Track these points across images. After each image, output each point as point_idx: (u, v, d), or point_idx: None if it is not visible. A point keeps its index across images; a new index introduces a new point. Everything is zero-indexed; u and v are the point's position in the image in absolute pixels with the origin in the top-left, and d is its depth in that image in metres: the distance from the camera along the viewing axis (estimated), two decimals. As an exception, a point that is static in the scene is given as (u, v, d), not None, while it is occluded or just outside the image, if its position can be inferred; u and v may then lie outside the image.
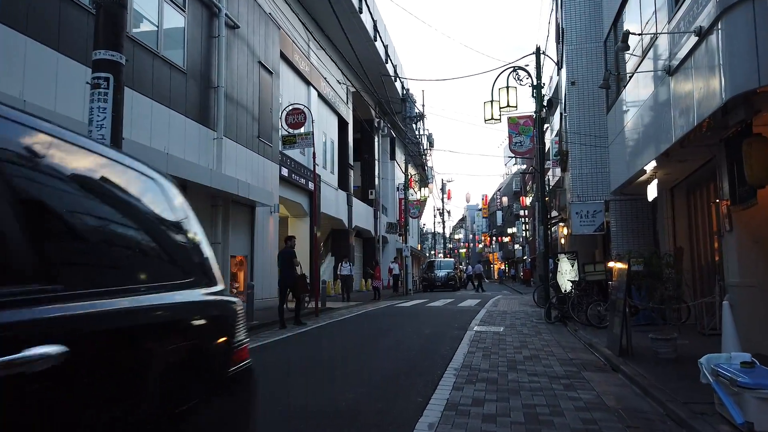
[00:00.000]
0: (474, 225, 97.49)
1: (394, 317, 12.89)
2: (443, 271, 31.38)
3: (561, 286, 11.97)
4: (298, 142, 13.57)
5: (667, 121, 7.33)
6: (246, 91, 14.53)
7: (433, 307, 15.95)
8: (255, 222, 14.82)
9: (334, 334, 9.95)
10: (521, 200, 33.77)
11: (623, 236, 11.69)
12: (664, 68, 7.07)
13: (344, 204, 26.19)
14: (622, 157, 9.99)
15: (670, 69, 6.93)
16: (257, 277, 14.84)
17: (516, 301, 19.27)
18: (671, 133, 7.05)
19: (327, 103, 23.72)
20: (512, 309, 15.18)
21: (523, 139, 12.14)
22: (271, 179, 16.08)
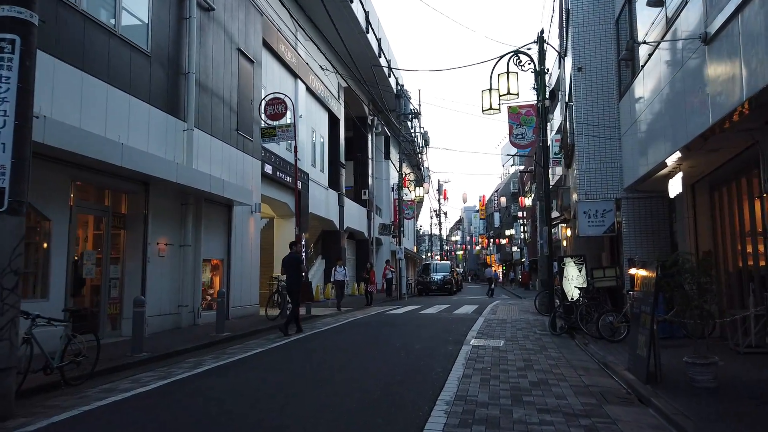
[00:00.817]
0: (471, 227, 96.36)
1: (383, 328, 11.70)
2: (439, 275, 30.18)
3: (567, 293, 10.80)
4: (278, 135, 12.41)
5: (698, 102, 6.17)
6: (223, 79, 13.34)
7: (427, 315, 14.76)
8: (233, 222, 13.61)
9: (308, 349, 8.74)
10: (520, 201, 32.67)
11: (636, 238, 10.52)
12: (699, 36, 5.90)
13: (335, 204, 25.00)
14: (637, 148, 8.83)
15: (707, 37, 5.76)
16: (235, 282, 13.64)
17: (516, 307, 18.09)
18: (706, 114, 5.88)
19: (316, 98, 22.55)
20: (512, 317, 14.00)
21: (524, 131, 10.97)
22: (252, 176, 14.88)
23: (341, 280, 18.25)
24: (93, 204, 9.73)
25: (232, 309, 13.35)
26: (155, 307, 10.46)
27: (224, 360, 7.58)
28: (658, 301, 5.90)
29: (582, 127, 10.89)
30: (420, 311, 16.14)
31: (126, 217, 10.23)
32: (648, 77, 8.23)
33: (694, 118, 6.31)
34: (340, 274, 18.32)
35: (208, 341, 9.24)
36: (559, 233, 19.38)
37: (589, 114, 10.96)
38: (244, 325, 11.86)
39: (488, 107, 11.38)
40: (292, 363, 7.28)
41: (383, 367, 6.88)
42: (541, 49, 11.80)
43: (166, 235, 10.92)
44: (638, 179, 8.67)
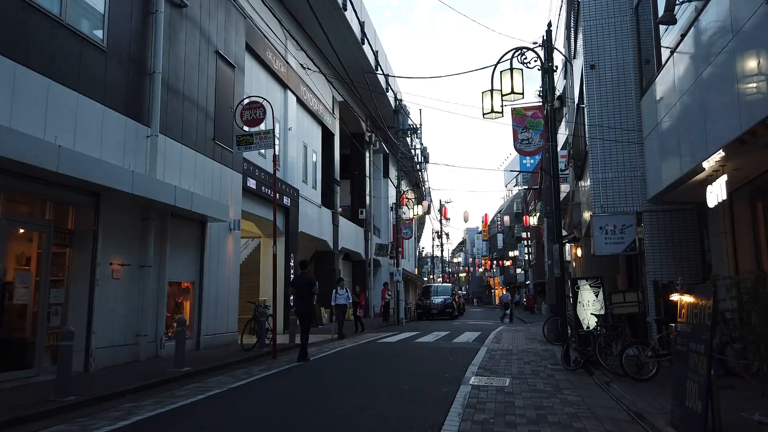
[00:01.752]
0: (474, 248, 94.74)
1: (370, 361, 10.26)
2: (440, 298, 28.69)
3: (582, 320, 9.36)
4: (255, 143, 11.14)
5: (755, 83, 4.84)
6: (197, 83, 12.11)
7: (423, 344, 13.29)
8: (206, 241, 12.25)
9: (270, 392, 7.32)
10: (524, 220, 31.28)
11: (661, 257, 9.13)
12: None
13: (329, 223, 23.67)
14: (665, 151, 7.50)
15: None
16: (208, 307, 12.24)
17: (521, 334, 16.59)
18: None
19: (309, 111, 21.36)
20: (518, 346, 12.53)
21: (530, 136, 9.67)
22: (231, 191, 13.57)
23: (343, 304, 16.40)
24: (28, 217, 8.41)
25: (204, 338, 11.93)
26: (106, 337, 9.06)
27: (165, 407, 6.16)
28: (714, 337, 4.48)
29: (596, 131, 9.57)
30: (416, 339, 14.67)
31: (73, 234, 8.88)
32: (682, 61, 6.93)
33: (755, 99, 4.97)
34: (342, 298, 16.48)
35: (160, 379, 7.81)
36: (568, 253, 17.97)
37: (604, 116, 9.66)
38: (214, 356, 10.43)
39: (489, 110, 10.08)
40: (242, 415, 5.85)
41: (357, 421, 5.45)
42: (548, 43, 10.55)
43: (122, 254, 9.56)
44: (666, 187, 7.32)
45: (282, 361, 10.22)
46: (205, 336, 12.03)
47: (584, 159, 10.65)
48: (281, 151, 18.46)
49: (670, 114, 7.35)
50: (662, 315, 8.80)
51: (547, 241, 14.28)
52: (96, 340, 8.71)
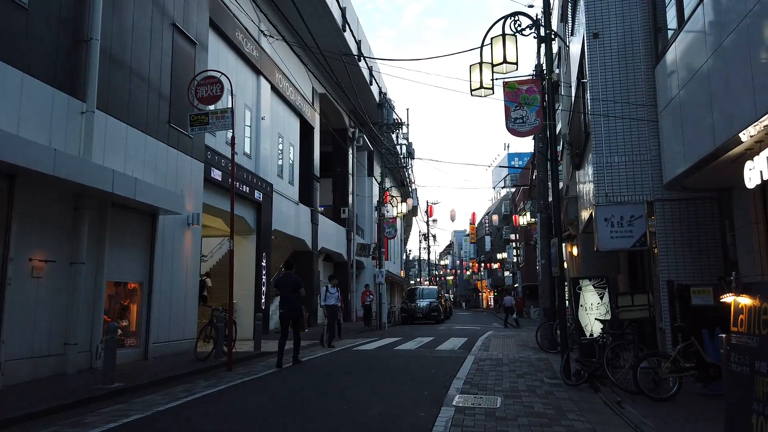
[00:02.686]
0: (461, 251, 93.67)
1: (338, 374, 8.89)
2: (425, 301, 27.37)
3: (584, 327, 8.06)
4: (211, 123, 9.75)
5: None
6: (149, 58, 10.71)
7: (403, 352, 11.95)
8: (157, 236, 10.82)
9: (212, 414, 5.94)
10: (513, 220, 30.06)
11: (675, 253, 7.86)
12: None
13: (307, 222, 22.27)
14: (691, 123, 6.22)
15: None
16: (159, 311, 10.80)
17: (512, 340, 15.30)
18: None
19: (285, 101, 19.97)
20: (509, 355, 11.23)
21: (526, 114, 8.37)
22: (190, 181, 12.17)
23: (334, 305, 14.09)
24: None
25: (153, 346, 10.49)
26: (22, 346, 7.61)
27: None
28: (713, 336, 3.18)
29: (600, 107, 8.30)
30: (396, 346, 13.32)
31: (-18, 223, 7.44)
32: (713, 10, 5.64)
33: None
34: (333, 298, 14.12)
35: (76, 399, 6.39)
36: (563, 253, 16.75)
37: (609, 91, 8.39)
38: (160, 368, 9.01)
39: (478, 86, 8.80)
40: None
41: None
42: (546, 8, 9.29)
43: (46, 248, 8.12)
44: (691, 167, 6.04)
45: (237, 374, 8.82)
46: (156, 344, 10.60)
47: (585, 143, 9.39)
48: (253, 141, 17.08)
49: (698, 77, 6.02)
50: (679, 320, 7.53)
51: (540, 238, 13.02)
52: (6, 350, 7.26)
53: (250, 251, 16.78)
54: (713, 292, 7.30)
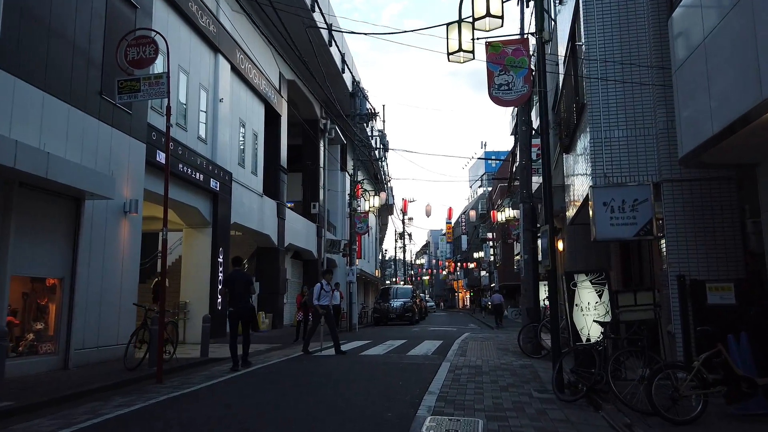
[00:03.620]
0: (438, 251, 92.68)
1: (288, 386, 7.50)
2: (399, 301, 26.05)
3: (580, 330, 6.80)
4: (143, 90, 8.27)
5: None
6: (75, 16, 9.17)
7: (370, 358, 10.61)
8: (83, 224, 9.29)
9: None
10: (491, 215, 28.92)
11: (687, 243, 6.65)
12: None
13: (273, 216, 20.77)
14: (721, 75, 4.97)
15: None
16: (86, 312, 9.27)
17: (491, 343, 14.05)
18: None
19: (248, 84, 18.46)
20: (489, 361, 9.96)
21: (512, 79, 7.14)
22: (128, 163, 10.66)
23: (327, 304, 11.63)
24: None
25: (76, 353, 8.95)
26: None
27: None
28: None
29: (599, 71, 7.06)
30: (364, 351, 11.97)
31: None
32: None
33: None
34: (329, 296, 11.68)
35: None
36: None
37: (609, 52, 7.17)
38: (75, 380, 7.52)
39: (456, 49, 7.52)
40: None
41: None
42: (536, -44, 8.06)
43: (-77, 234, 6.59)
44: (724, 129, 4.79)
45: (166, 387, 7.36)
46: (81, 350, 9.07)
47: (578, 118, 8.16)
48: (209, 125, 15.56)
49: (738, 8, 4.72)
50: (692, 322, 6.35)
51: (522, 231, 11.79)
52: None
53: (205, 246, 15.27)
54: (735, 290, 6.12)
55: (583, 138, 8.13)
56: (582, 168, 8.23)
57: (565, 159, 10.68)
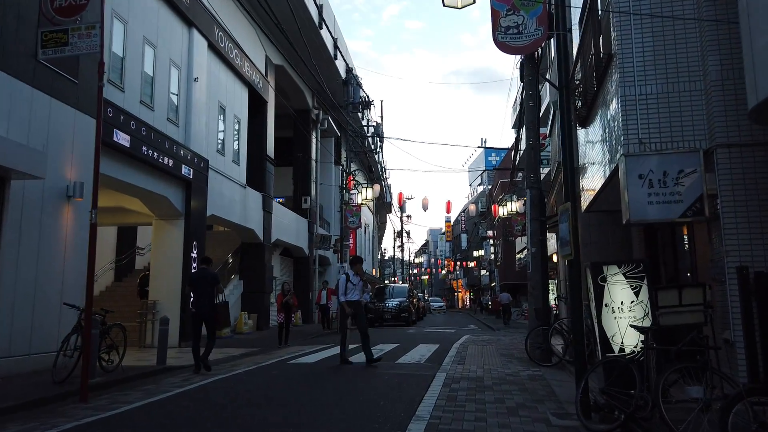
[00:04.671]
0: (437, 250, 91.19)
1: (239, 407, 6.01)
2: (394, 301, 24.53)
3: (611, 338, 5.30)
4: (71, 43, 6.79)
5: None
6: (-2, -39, 7.69)
7: (352, 367, 9.12)
8: (8, 209, 7.81)
9: None
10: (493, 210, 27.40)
11: (750, 225, 5.18)
12: None
13: (258, 209, 19.29)
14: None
15: None
16: (13, 313, 7.78)
17: (493, 347, 12.57)
18: None
19: (228, 64, 16.97)
20: (492, 371, 8.48)
21: (522, 20, 5.72)
22: (73, 141, 9.19)
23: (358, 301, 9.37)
24: None
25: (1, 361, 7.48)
26: None
27: None
28: None
29: (631, 5, 5.57)
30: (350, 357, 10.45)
31: None
32: None
33: None
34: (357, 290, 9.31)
35: None
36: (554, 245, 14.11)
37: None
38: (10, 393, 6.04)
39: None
40: None
41: None
42: None
43: None
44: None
45: (90, 408, 5.88)
46: (6, 358, 7.60)
47: (602, 76, 6.66)
48: (182, 107, 14.08)
49: None
50: (758, 326, 4.87)
51: (529, 221, 10.31)
52: None
53: (176, 239, 13.77)
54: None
55: (607, 102, 6.64)
56: (605, 139, 6.75)
57: (582, 135, 9.19)
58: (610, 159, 6.43)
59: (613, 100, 6.09)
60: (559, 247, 5.41)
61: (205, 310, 8.82)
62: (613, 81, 6.10)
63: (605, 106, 6.80)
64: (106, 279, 17.11)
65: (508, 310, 25.61)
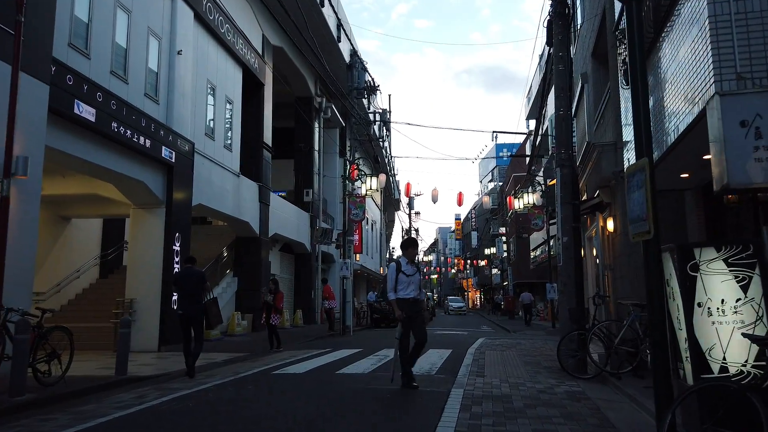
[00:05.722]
0: (446, 248, 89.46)
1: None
2: (402, 300, 22.89)
3: (707, 351, 3.70)
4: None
5: None
6: None
7: (346, 380, 7.57)
8: None
9: None
10: (508, 201, 25.75)
11: None
12: None
13: (253, 200, 17.79)
14: None
15: None
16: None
17: (514, 352, 10.97)
18: None
19: (219, 40, 15.48)
20: (520, 385, 6.90)
21: None
22: (17, 107, 7.66)
23: (415, 299, 6.79)
24: None
25: None
26: None
27: None
28: None
29: None
30: (344, 366, 8.89)
31: None
32: None
33: None
34: (414, 284, 6.78)
35: None
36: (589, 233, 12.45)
37: None
38: None
39: None
40: None
41: None
42: None
43: None
44: None
45: None
46: None
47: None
48: (162, 82, 12.56)
49: None
50: None
51: (560, 205, 8.70)
52: None
53: (156, 230, 12.28)
54: None
55: (683, 26, 5.01)
56: (676, 81, 5.13)
57: (623, 97, 7.55)
58: (687, 105, 4.81)
59: (696, 22, 4.47)
60: (635, 219, 3.79)
61: (192, 312, 8.08)
62: (691, 1, 4.49)
63: (681, 32, 5.14)
64: (90, 275, 15.67)
65: (529, 310, 25.17)
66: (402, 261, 6.95)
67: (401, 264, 6.86)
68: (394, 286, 6.76)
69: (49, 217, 14.55)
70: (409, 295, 6.70)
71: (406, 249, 7.25)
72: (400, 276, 6.75)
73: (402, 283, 6.72)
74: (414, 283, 6.76)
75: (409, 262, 6.92)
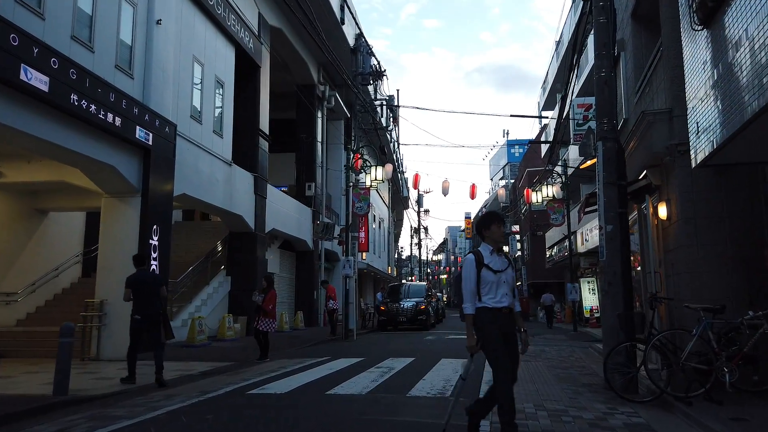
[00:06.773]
0: (456, 248, 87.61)
1: None
2: (410, 301, 21.34)
3: None
4: None
5: None
6: None
7: (337, 402, 6.02)
8: None
9: None
10: (525, 194, 24.08)
11: None
12: None
13: (248, 192, 16.30)
14: None
15: None
16: None
17: (542, 364, 9.37)
18: None
19: (208, 14, 13.99)
20: (562, 412, 5.36)
21: None
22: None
23: (511, 309, 4.20)
24: None
25: None
26: None
27: None
28: None
29: None
30: (339, 383, 7.32)
31: None
32: None
33: None
34: (504, 289, 4.15)
35: None
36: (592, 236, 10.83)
37: None
38: None
39: None
40: None
41: None
42: None
43: None
44: None
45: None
46: None
47: None
48: (138, 54, 11.06)
49: None
50: None
51: (603, 186, 7.12)
52: None
53: (130, 222, 10.80)
54: None
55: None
56: (758, 38, 3.55)
57: (703, 42, 5.92)
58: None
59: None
60: None
61: (154, 317, 7.65)
62: None
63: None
64: (72, 274, 14.27)
65: (551, 312, 24.68)
66: (483, 251, 4.24)
67: (482, 255, 4.21)
68: (475, 289, 4.13)
69: (22, 210, 13.19)
70: (502, 303, 4.09)
71: (489, 227, 4.31)
72: (484, 273, 4.14)
73: (487, 283, 4.13)
74: (507, 283, 4.18)
75: (495, 251, 4.26)
